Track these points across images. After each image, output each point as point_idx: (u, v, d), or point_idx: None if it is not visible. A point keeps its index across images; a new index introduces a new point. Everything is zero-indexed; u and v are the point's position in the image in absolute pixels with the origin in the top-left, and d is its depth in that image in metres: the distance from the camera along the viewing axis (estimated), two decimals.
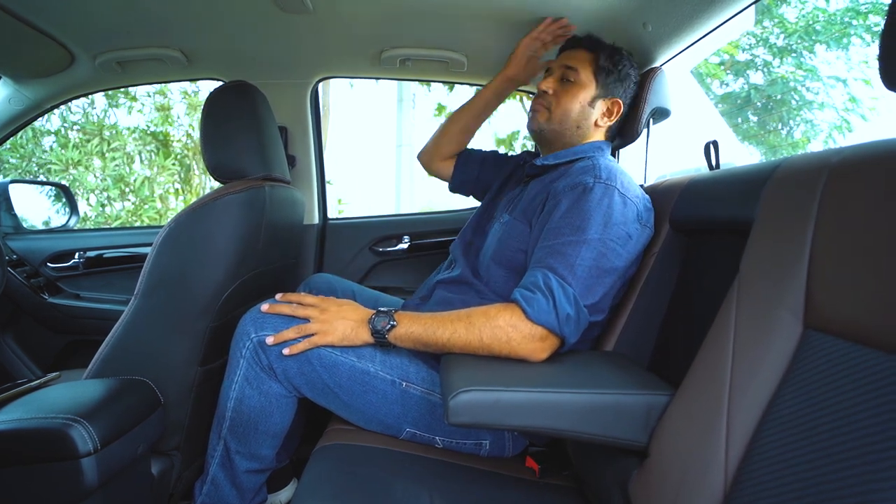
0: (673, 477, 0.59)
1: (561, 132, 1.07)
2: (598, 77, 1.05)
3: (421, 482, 0.81)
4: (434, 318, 0.86)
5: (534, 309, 0.81)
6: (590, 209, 0.88)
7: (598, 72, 1.05)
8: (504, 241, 1.02)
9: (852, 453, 0.42)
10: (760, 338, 0.56)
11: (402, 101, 6.17)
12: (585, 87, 1.05)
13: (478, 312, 0.85)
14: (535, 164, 1.08)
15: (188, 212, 0.95)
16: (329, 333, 0.89)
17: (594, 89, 1.05)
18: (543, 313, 0.81)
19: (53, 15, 1.19)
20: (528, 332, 0.81)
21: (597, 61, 1.05)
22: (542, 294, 0.82)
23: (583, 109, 1.05)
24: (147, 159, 4.94)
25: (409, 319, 0.88)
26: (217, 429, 0.95)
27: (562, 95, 1.05)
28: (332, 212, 1.72)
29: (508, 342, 0.82)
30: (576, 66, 1.05)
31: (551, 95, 1.06)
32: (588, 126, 1.06)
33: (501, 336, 0.82)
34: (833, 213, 0.53)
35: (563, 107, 1.05)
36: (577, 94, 1.05)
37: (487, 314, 0.84)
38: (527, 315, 0.81)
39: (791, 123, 4.78)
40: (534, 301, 0.82)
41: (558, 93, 1.06)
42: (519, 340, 0.82)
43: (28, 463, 0.75)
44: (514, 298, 0.84)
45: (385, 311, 0.90)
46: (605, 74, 1.05)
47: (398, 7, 1.21)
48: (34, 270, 1.64)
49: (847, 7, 4.44)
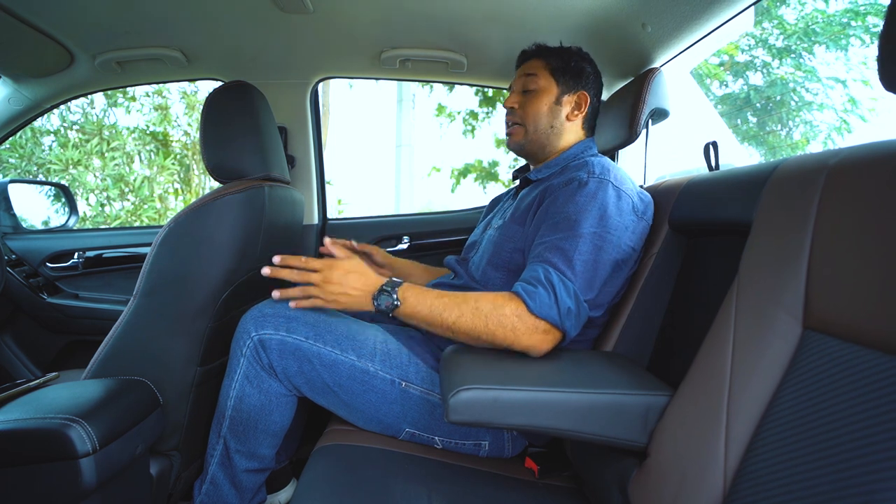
0: (672, 477, 0.59)
1: (539, 139, 1.09)
2: (556, 77, 1.08)
3: (420, 482, 0.81)
4: (440, 300, 0.85)
5: (536, 302, 0.82)
6: (585, 203, 0.89)
7: (554, 72, 1.08)
8: (500, 243, 1.02)
9: (853, 454, 0.42)
10: (760, 338, 0.56)
11: (402, 101, 6.18)
12: (547, 90, 1.08)
13: (485, 299, 0.84)
14: (530, 178, 1.10)
15: (188, 212, 0.95)
16: (331, 304, 0.88)
17: (556, 88, 1.08)
18: (545, 307, 0.81)
19: (53, 15, 1.19)
20: (532, 324, 0.82)
21: (550, 64, 1.09)
22: (543, 288, 0.83)
23: (550, 109, 1.08)
24: (147, 159, 4.94)
25: (414, 298, 0.86)
26: (217, 428, 0.95)
27: (527, 105, 1.09)
28: (332, 212, 1.72)
29: (514, 331, 0.82)
30: (533, 71, 1.09)
31: (518, 109, 1.11)
32: (561, 123, 1.09)
33: (507, 324, 0.82)
34: (832, 214, 0.53)
35: (532, 113, 1.09)
36: (542, 98, 1.08)
37: (494, 302, 0.84)
38: (528, 308, 0.82)
39: (790, 124, 4.79)
40: (535, 295, 0.82)
41: (523, 104, 1.10)
42: (523, 330, 0.82)
43: (26, 463, 0.75)
44: (517, 292, 0.84)
45: (389, 290, 0.87)
46: (561, 73, 1.08)
47: (398, 7, 1.21)
48: (33, 270, 1.64)
49: (846, 8, 4.44)
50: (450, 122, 6.36)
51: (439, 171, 6.67)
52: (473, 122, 6.20)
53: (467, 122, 6.23)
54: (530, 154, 1.13)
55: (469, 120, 6.21)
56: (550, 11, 1.16)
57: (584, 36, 1.20)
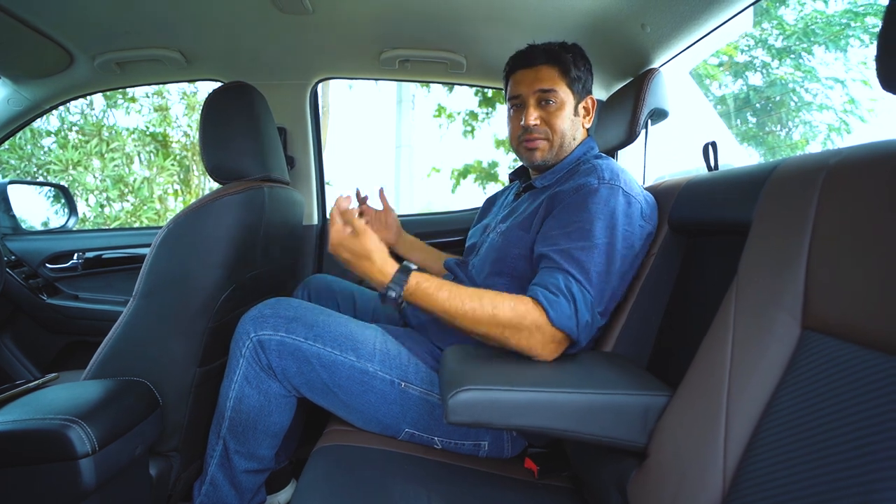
0: (671, 478, 0.59)
1: (562, 152, 1.05)
2: (574, 88, 1.03)
3: (419, 483, 0.81)
4: (452, 302, 0.83)
5: (556, 312, 0.81)
6: (596, 211, 0.88)
7: (571, 84, 1.02)
8: (504, 249, 1.00)
9: (852, 454, 0.42)
10: (759, 338, 0.56)
11: (402, 101, 6.18)
12: (567, 103, 1.02)
13: (504, 301, 0.82)
14: (535, 186, 1.06)
15: (187, 212, 0.95)
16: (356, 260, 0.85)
17: (573, 99, 1.03)
18: (565, 318, 0.81)
19: (52, 15, 1.19)
20: (550, 334, 0.81)
21: (567, 73, 1.02)
22: (564, 298, 0.82)
23: (572, 122, 1.04)
24: (146, 160, 4.94)
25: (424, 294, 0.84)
26: (216, 428, 0.95)
27: (552, 120, 1.02)
28: None
29: (529, 339, 0.81)
30: (551, 86, 1.01)
31: (541, 125, 1.03)
32: (579, 132, 1.07)
33: (524, 331, 0.81)
34: (831, 214, 0.53)
35: (558, 130, 1.02)
36: (563, 112, 1.02)
37: (516, 309, 0.81)
38: (549, 317, 0.81)
39: (789, 125, 4.79)
40: (557, 305, 0.81)
41: (547, 119, 1.02)
42: (540, 339, 0.81)
43: (26, 464, 0.75)
44: (537, 299, 0.82)
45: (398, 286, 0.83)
46: (576, 81, 1.03)
47: (398, 8, 1.21)
48: (33, 271, 1.63)
49: (846, 9, 4.45)
50: (449, 122, 6.37)
51: (439, 171, 6.68)
52: (473, 123, 6.21)
53: (467, 122, 6.24)
54: (547, 167, 1.06)
55: (469, 120, 6.22)
56: (550, 11, 1.16)
57: (583, 36, 1.20)
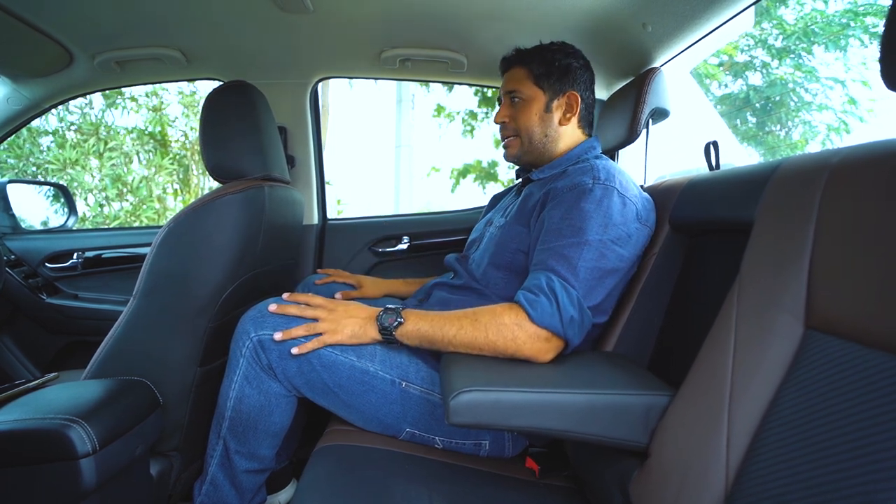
0: (674, 477, 0.59)
1: (534, 149, 1.08)
2: (540, 84, 1.06)
3: (420, 483, 0.81)
4: (441, 316, 0.87)
5: (537, 312, 0.81)
6: (589, 210, 0.88)
7: (537, 80, 1.06)
8: (502, 243, 1.02)
9: (855, 453, 0.42)
10: (761, 338, 0.56)
11: (402, 101, 6.18)
12: (534, 99, 1.06)
13: (484, 310, 0.86)
14: (532, 179, 1.09)
15: (187, 212, 0.95)
16: (338, 332, 0.89)
17: (543, 96, 1.06)
18: (547, 316, 0.81)
19: (52, 14, 1.19)
20: (532, 332, 0.82)
21: (532, 72, 1.06)
22: (545, 296, 0.83)
23: (541, 119, 1.06)
24: (145, 159, 4.94)
25: (416, 316, 0.88)
26: (216, 428, 0.95)
27: (518, 117, 1.07)
28: (332, 212, 1.72)
29: (514, 340, 0.82)
30: (515, 86, 1.07)
31: (509, 122, 1.09)
32: (554, 130, 1.07)
33: (507, 334, 0.82)
34: (833, 213, 0.53)
35: (524, 125, 1.07)
36: (530, 109, 1.06)
37: (493, 312, 0.85)
38: (530, 317, 0.81)
39: (789, 125, 4.80)
40: (537, 304, 0.82)
41: (514, 116, 1.08)
42: (524, 339, 0.82)
43: (26, 464, 0.74)
44: (518, 301, 0.84)
45: (392, 309, 0.90)
46: (545, 78, 1.05)
47: (398, 7, 1.21)
48: (32, 271, 1.63)
49: (846, 9, 4.46)
50: (449, 122, 6.36)
51: (439, 171, 6.67)
52: (473, 123, 6.21)
53: (466, 122, 6.24)
54: (528, 164, 1.12)
55: (468, 120, 6.22)
56: (551, 10, 1.16)
57: (584, 36, 1.20)
